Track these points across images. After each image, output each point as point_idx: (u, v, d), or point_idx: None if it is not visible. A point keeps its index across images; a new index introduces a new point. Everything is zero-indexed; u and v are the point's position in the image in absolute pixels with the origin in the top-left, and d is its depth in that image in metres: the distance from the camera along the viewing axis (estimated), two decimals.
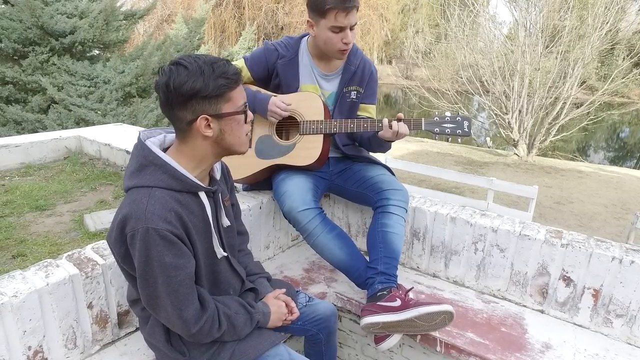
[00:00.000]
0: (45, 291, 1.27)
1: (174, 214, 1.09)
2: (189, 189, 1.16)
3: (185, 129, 1.14)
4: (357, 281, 1.75)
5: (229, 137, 1.17)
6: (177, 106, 1.11)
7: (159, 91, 1.12)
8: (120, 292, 1.48)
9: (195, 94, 1.09)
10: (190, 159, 1.17)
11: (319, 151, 1.81)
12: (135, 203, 1.08)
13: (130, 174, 1.15)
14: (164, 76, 1.09)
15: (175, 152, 1.18)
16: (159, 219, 1.06)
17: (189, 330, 1.15)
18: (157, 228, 1.05)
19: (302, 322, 1.49)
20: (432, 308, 1.46)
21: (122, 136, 3.55)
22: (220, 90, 1.11)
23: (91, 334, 1.43)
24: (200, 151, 1.17)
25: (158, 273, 1.08)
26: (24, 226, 2.21)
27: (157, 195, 1.09)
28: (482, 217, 1.88)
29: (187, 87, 1.08)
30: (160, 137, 1.23)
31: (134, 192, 1.11)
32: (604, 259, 1.59)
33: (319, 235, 1.70)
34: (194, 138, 1.15)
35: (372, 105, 2.01)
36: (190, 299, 1.14)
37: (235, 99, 1.16)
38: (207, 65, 1.10)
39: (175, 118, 1.13)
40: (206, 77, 1.09)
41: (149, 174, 1.12)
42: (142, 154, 1.14)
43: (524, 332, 1.64)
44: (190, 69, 1.08)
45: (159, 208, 1.07)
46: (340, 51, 1.77)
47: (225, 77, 1.11)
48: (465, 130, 1.72)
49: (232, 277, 1.36)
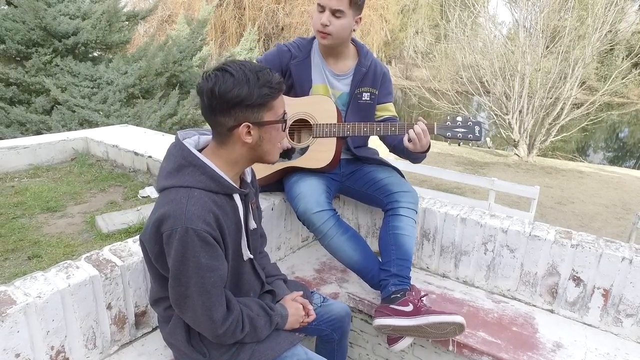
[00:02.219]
0: (67, 292, 1.29)
1: (212, 216, 1.11)
2: (225, 191, 1.18)
3: (225, 134, 1.16)
4: (371, 282, 1.77)
5: (266, 145, 1.20)
6: (220, 112, 1.12)
7: (202, 96, 1.13)
8: (137, 293, 1.50)
9: (240, 102, 1.10)
10: (226, 162, 1.19)
11: (332, 154, 1.83)
12: (174, 202, 1.09)
13: (167, 174, 1.16)
14: (209, 82, 1.10)
15: (211, 154, 1.20)
16: (199, 220, 1.08)
17: (216, 331, 1.17)
18: (196, 229, 1.07)
19: (316, 322, 1.51)
20: (443, 318, 1.48)
21: (129, 137, 3.56)
22: (264, 99, 1.13)
23: (110, 334, 1.45)
24: (236, 156, 1.19)
25: (192, 273, 1.09)
26: (36, 227, 2.22)
27: (196, 195, 1.11)
28: (492, 218, 1.90)
29: (233, 94, 1.09)
30: (194, 139, 1.25)
31: (171, 191, 1.13)
32: (613, 259, 1.61)
33: (333, 236, 1.72)
34: (233, 143, 1.17)
35: (390, 103, 2.03)
36: (220, 300, 1.16)
37: (276, 107, 1.18)
38: (253, 74, 1.11)
39: (217, 123, 1.15)
40: (251, 86, 1.10)
41: (188, 175, 1.14)
42: (181, 154, 1.16)
43: (535, 332, 1.66)
44: (236, 76, 1.09)
45: (199, 209, 1.09)
46: (319, 32, 1.79)
47: (269, 86, 1.13)
48: (477, 135, 1.74)
49: (254, 279, 1.38)
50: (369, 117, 1.98)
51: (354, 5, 1.74)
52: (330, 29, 1.76)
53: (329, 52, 1.90)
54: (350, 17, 1.77)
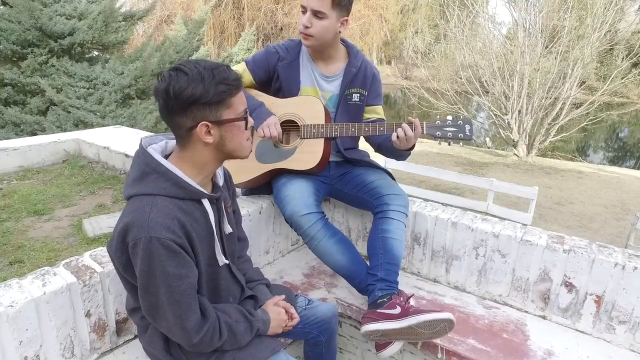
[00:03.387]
0: (43, 300, 1.26)
1: (177, 223, 1.08)
2: (192, 197, 1.15)
3: (185, 135, 1.13)
4: (358, 287, 1.73)
5: (229, 144, 1.16)
6: (176, 112, 1.09)
7: (158, 97, 1.10)
8: (118, 300, 1.47)
9: (195, 101, 1.07)
10: (192, 166, 1.16)
11: (319, 155, 1.79)
12: (137, 211, 1.06)
13: (132, 182, 1.13)
14: (163, 82, 1.08)
15: (177, 159, 1.17)
16: (162, 228, 1.04)
17: (190, 340, 1.14)
18: (160, 237, 1.03)
19: (302, 325, 1.47)
20: (432, 316, 1.44)
21: (121, 139, 3.53)
22: (220, 96, 1.09)
23: (89, 342, 1.42)
24: (202, 158, 1.16)
25: (160, 283, 1.06)
26: (21, 231, 2.19)
27: (160, 203, 1.08)
28: (484, 222, 1.87)
29: (187, 93, 1.06)
30: (161, 144, 1.22)
31: (136, 200, 1.10)
32: (606, 265, 1.58)
33: (320, 239, 1.69)
34: (194, 144, 1.14)
35: (379, 105, 2.00)
36: (192, 308, 1.13)
37: (235, 105, 1.14)
38: (208, 71, 1.08)
39: (175, 124, 1.12)
40: (206, 83, 1.07)
41: (152, 182, 1.11)
42: (144, 161, 1.13)
43: (526, 339, 1.62)
44: (190, 74, 1.06)
45: (162, 217, 1.06)
46: (301, 34, 1.77)
47: (225, 83, 1.10)
48: (467, 134, 1.70)
49: (232, 285, 1.35)
50: (358, 119, 1.95)
51: (336, 6, 1.70)
52: (312, 30, 1.73)
53: (317, 54, 1.86)
54: (334, 18, 1.73)
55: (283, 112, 1.85)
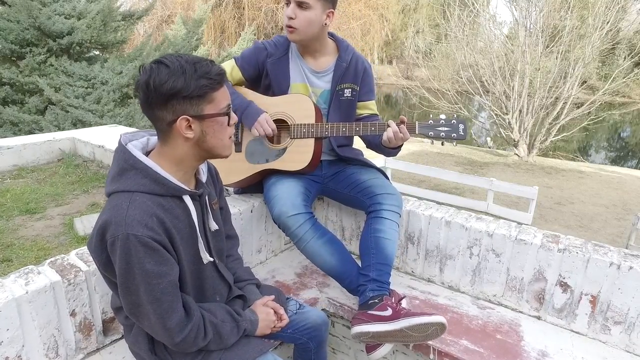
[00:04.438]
0: (25, 299, 1.23)
1: (155, 220, 1.06)
2: (172, 193, 1.12)
3: (165, 129, 1.10)
4: (349, 287, 1.71)
5: (210, 140, 1.13)
6: (157, 106, 1.07)
7: (139, 90, 1.08)
8: (105, 299, 1.45)
9: (175, 94, 1.05)
10: (171, 161, 1.14)
11: (310, 155, 1.77)
12: (115, 208, 1.04)
13: (111, 179, 1.11)
14: (144, 75, 1.06)
15: (157, 154, 1.15)
16: (140, 225, 1.02)
17: (173, 340, 1.11)
18: (137, 234, 1.01)
19: (292, 330, 1.45)
20: (424, 319, 1.41)
21: (117, 138, 3.51)
22: (202, 90, 1.07)
23: (74, 342, 1.39)
24: (181, 153, 1.13)
25: (139, 281, 1.04)
26: (12, 230, 2.17)
27: (138, 200, 1.06)
28: (478, 221, 1.84)
29: (168, 86, 1.04)
30: (143, 140, 1.19)
31: (114, 197, 1.08)
32: (601, 265, 1.55)
33: (309, 240, 1.66)
34: (174, 139, 1.12)
35: (372, 101, 1.97)
36: (174, 307, 1.10)
37: (218, 100, 1.12)
38: (189, 65, 1.06)
39: (156, 118, 1.10)
40: (188, 77, 1.05)
41: (130, 179, 1.08)
42: (123, 157, 1.11)
43: (520, 340, 1.60)
44: (171, 67, 1.04)
45: (139, 213, 1.04)
46: (286, 27, 1.74)
47: (207, 77, 1.07)
48: (461, 133, 1.67)
49: (218, 283, 1.32)
50: (351, 115, 1.92)
51: None
52: (296, 22, 1.69)
53: (306, 49, 1.83)
54: (319, 9, 1.69)
55: (273, 111, 1.82)
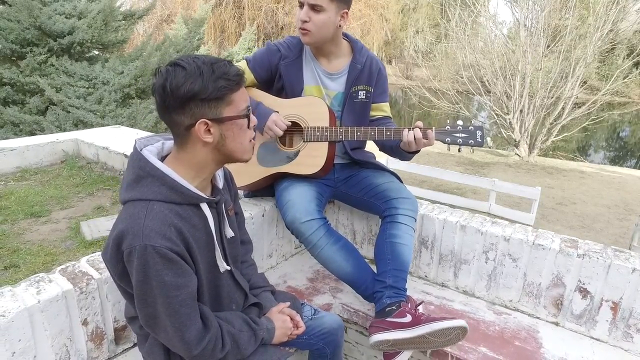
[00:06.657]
0: (37, 309, 1.20)
1: (174, 230, 1.02)
2: (189, 201, 1.09)
3: (183, 134, 1.06)
4: (364, 294, 1.68)
5: (230, 143, 1.09)
6: (174, 110, 1.03)
7: (155, 94, 1.04)
8: (117, 307, 1.41)
9: (193, 97, 1.01)
10: (189, 167, 1.10)
11: (323, 159, 1.73)
12: (132, 218, 1.01)
13: (127, 186, 1.07)
14: (160, 78, 1.02)
15: (174, 160, 1.11)
16: (158, 236, 0.99)
17: (191, 352, 1.08)
18: (155, 246, 0.98)
19: (308, 336, 1.42)
20: (445, 324, 1.39)
21: (121, 139, 3.47)
22: (220, 92, 1.03)
23: (86, 352, 1.36)
24: (200, 158, 1.10)
25: (157, 293, 1.01)
26: (17, 234, 2.13)
27: (155, 209, 1.02)
28: (494, 225, 1.81)
29: (185, 89, 1.00)
30: (158, 145, 1.16)
31: (130, 205, 1.04)
32: (623, 271, 1.52)
33: (323, 247, 1.62)
34: (193, 144, 1.08)
35: (385, 102, 1.93)
36: (192, 319, 1.07)
37: (237, 102, 1.08)
38: (207, 66, 1.02)
39: (173, 123, 1.06)
40: (205, 79, 1.01)
41: (147, 186, 1.05)
42: (139, 164, 1.07)
43: (539, 347, 1.57)
44: (188, 69, 1.00)
45: (157, 224, 1.00)
46: (299, 30, 1.70)
47: (226, 78, 1.03)
48: (479, 140, 1.64)
49: (235, 292, 1.29)
50: (365, 117, 1.88)
51: None
52: (310, 25, 1.66)
53: (319, 51, 1.80)
54: (333, 11, 1.66)
55: (286, 114, 1.79)
